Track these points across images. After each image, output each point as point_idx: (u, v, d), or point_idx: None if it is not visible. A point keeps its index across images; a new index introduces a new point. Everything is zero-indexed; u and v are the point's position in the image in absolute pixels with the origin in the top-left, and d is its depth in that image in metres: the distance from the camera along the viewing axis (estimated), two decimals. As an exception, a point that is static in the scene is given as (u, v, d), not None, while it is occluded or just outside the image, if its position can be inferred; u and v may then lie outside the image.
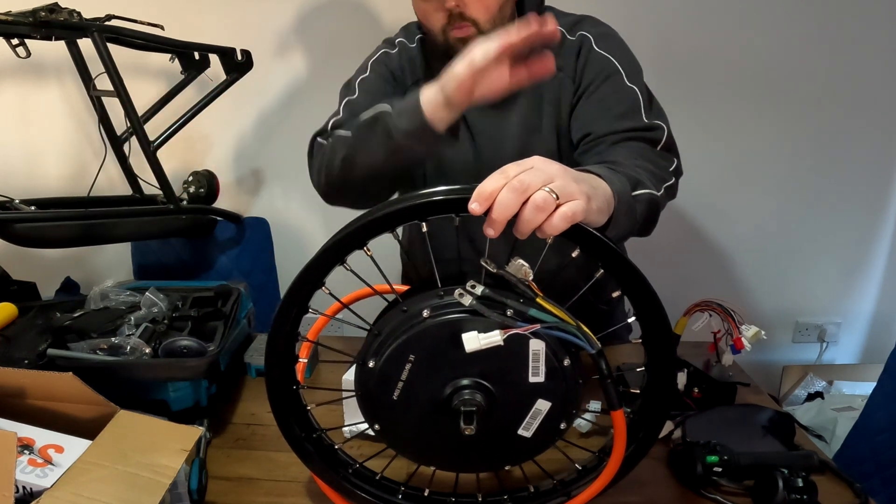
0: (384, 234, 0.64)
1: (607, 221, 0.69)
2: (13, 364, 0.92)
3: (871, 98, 1.96)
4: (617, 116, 1.01)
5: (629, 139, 0.98)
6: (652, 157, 0.95)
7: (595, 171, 0.72)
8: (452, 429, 0.63)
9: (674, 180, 0.95)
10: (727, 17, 1.89)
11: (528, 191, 0.57)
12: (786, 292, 2.19)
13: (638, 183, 0.81)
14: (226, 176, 1.86)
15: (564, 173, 0.60)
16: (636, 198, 0.78)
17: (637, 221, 0.78)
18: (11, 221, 1.40)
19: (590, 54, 1.06)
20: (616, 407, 0.65)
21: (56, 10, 1.42)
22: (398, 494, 0.77)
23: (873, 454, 1.20)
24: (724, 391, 1.02)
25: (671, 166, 0.98)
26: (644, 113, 1.01)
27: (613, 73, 1.04)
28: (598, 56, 1.06)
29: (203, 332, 1.08)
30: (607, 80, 1.04)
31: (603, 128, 1.00)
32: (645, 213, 0.81)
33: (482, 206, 0.57)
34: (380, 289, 0.74)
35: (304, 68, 1.93)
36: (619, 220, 0.71)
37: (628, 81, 1.04)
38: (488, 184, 0.58)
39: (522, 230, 0.58)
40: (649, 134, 0.99)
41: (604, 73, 1.04)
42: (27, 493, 0.69)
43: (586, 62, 1.06)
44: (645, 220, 0.82)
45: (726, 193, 2.05)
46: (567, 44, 1.08)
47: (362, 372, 0.67)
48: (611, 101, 1.03)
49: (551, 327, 0.60)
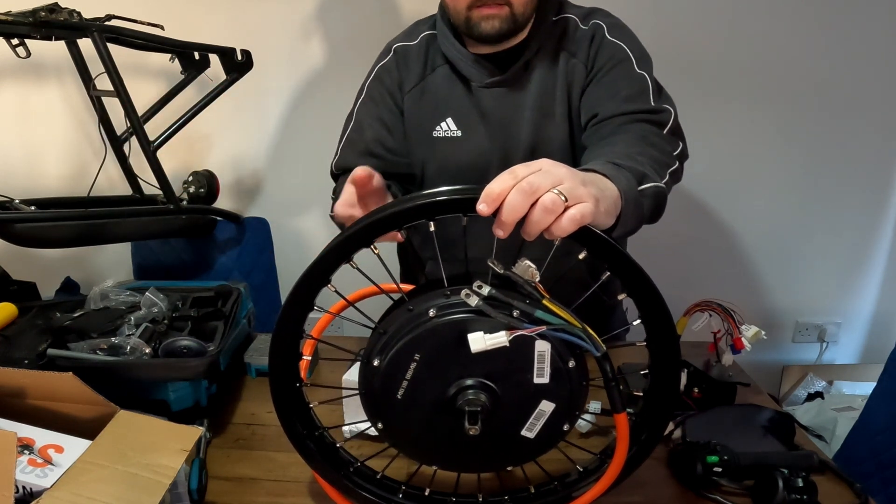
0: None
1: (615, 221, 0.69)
2: (13, 364, 0.92)
3: (871, 98, 1.97)
4: (625, 98, 1.02)
5: (636, 121, 0.99)
6: (656, 142, 0.95)
7: (601, 171, 0.73)
8: (456, 429, 0.63)
9: (678, 164, 0.95)
10: (729, 17, 1.89)
11: (536, 192, 0.56)
12: (786, 292, 2.19)
13: (644, 177, 0.81)
14: (226, 176, 1.86)
15: (573, 176, 0.60)
16: (642, 192, 0.79)
17: (644, 217, 0.79)
18: (11, 221, 1.40)
19: (602, 41, 1.07)
20: (619, 410, 0.65)
21: (56, 10, 1.42)
22: (399, 494, 0.77)
23: (873, 454, 1.20)
24: (724, 391, 1.02)
25: (676, 150, 0.98)
26: (652, 97, 1.02)
27: (624, 59, 1.05)
28: (610, 43, 1.07)
29: (203, 332, 1.08)
30: (618, 65, 1.05)
31: (610, 109, 1.01)
32: (651, 206, 0.81)
33: (490, 207, 0.57)
34: (386, 287, 0.74)
35: (304, 68, 1.93)
36: (626, 219, 0.72)
37: (638, 68, 1.05)
38: (496, 185, 0.57)
39: (530, 231, 0.58)
40: (655, 117, 0.99)
41: (615, 58, 1.06)
42: (27, 493, 0.69)
43: (599, 48, 1.07)
44: (652, 212, 0.83)
45: (726, 193, 2.06)
46: (581, 32, 1.09)
47: (367, 370, 0.67)
48: (620, 84, 1.04)
49: (557, 329, 0.60)
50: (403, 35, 1.20)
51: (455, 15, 1.06)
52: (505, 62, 1.09)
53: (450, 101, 1.14)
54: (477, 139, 1.13)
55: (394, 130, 1.18)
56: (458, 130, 1.14)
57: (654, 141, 0.95)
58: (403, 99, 1.17)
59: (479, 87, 1.11)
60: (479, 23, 1.03)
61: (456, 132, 1.14)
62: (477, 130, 1.13)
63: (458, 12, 1.05)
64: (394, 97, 1.18)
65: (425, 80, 1.15)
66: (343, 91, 1.34)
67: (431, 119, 1.15)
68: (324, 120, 1.21)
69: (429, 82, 1.15)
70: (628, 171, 0.78)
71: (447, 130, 1.14)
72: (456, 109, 1.14)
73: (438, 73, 1.14)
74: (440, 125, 1.14)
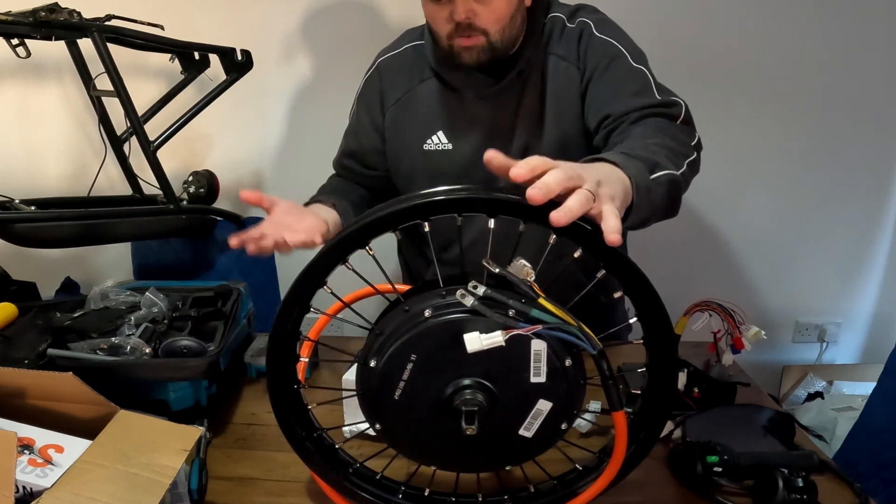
0: (386, 233, 0.64)
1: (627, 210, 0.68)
2: (13, 364, 0.92)
3: (871, 98, 1.96)
4: (632, 94, 1.01)
5: (649, 115, 0.97)
6: (673, 133, 0.94)
7: (611, 160, 0.71)
8: (454, 429, 0.63)
9: (696, 155, 0.93)
10: (728, 15, 1.89)
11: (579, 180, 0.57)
12: (786, 292, 2.19)
13: (655, 165, 0.78)
14: (226, 176, 1.86)
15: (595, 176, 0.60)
16: (656, 180, 0.76)
17: (657, 206, 0.77)
18: (11, 221, 1.39)
19: (591, 39, 1.06)
20: (617, 408, 0.65)
21: (56, 10, 1.42)
22: (398, 494, 0.77)
23: (873, 454, 1.20)
24: (724, 391, 1.02)
25: (692, 140, 0.97)
26: (657, 91, 1.02)
27: (618, 55, 1.05)
28: (600, 40, 1.06)
29: (203, 332, 1.08)
30: (613, 62, 1.04)
31: (620, 107, 1.00)
32: (665, 195, 0.78)
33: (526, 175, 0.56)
34: (382, 288, 0.74)
35: (304, 68, 1.93)
36: (638, 208, 0.70)
37: (634, 62, 1.04)
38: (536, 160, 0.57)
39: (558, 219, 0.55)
40: (667, 110, 0.99)
41: (608, 55, 1.05)
42: (27, 493, 0.69)
43: (588, 46, 1.06)
44: (667, 202, 0.80)
45: (726, 193, 2.05)
46: (567, 31, 1.08)
47: (364, 371, 0.67)
48: (621, 81, 1.03)
49: (553, 328, 0.60)
50: (391, 45, 1.21)
51: (439, 42, 1.07)
52: (497, 71, 1.08)
53: (440, 113, 1.13)
54: (468, 149, 1.12)
55: (366, 146, 1.20)
56: (448, 143, 1.14)
57: (671, 132, 0.93)
58: (385, 114, 1.17)
59: (473, 99, 1.11)
60: (459, 52, 1.04)
61: (447, 145, 1.14)
62: (468, 141, 1.12)
63: (441, 40, 1.05)
64: (372, 114, 1.19)
65: (412, 91, 1.15)
66: (343, 91, 1.35)
67: (421, 132, 1.15)
68: (324, 119, 1.21)
69: (416, 94, 1.15)
70: (639, 159, 0.76)
71: (438, 143, 1.14)
72: (447, 122, 1.13)
73: (427, 84, 1.14)
74: (431, 138, 1.14)
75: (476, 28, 1.01)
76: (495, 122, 1.11)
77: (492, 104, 1.10)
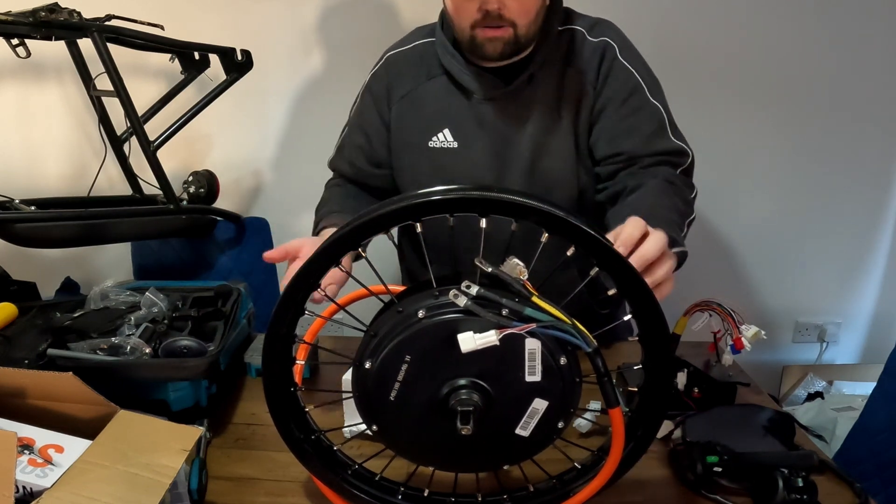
0: (379, 235, 0.64)
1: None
2: (13, 364, 0.92)
3: (871, 98, 1.96)
4: (647, 137, 1.04)
5: (659, 163, 1.03)
6: (680, 190, 0.99)
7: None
8: (450, 429, 0.63)
9: (694, 214, 0.99)
10: (727, 15, 1.89)
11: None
12: (786, 292, 2.19)
13: (674, 243, 0.79)
14: (226, 176, 1.86)
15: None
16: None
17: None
18: (11, 221, 1.40)
19: (613, 63, 1.07)
20: (613, 405, 0.64)
21: (56, 10, 1.42)
22: (398, 495, 0.77)
23: (873, 454, 1.20)
24: (724, 391, 1.02)
25: (692, 193, 1.02)
26: (671, 131, 1.05)
27: (637, 87, 1.06)
28: (622, 67, 1.06)
29: (203, 332, 1.08)
30: (632, 96, 1.06)
31: (634, 148, 1.04)
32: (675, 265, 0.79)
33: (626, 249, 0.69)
34: (375, 289, 0.74)
35: (304, 68, 1.93)
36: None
37: (652, 98, 1.06)
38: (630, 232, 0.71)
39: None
40: (676, 159, 1.04)
41: (627, 86, 1.06)
42: (27, 493, 0.69)
43: (609, 71, 1.07)
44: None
45: (726, 193, 2.05)
46: (588, 45, 1.08)
47: (359, 373, 0.67)
48: (638, 118, 1.05)
49: (547, 326, 0.60)
50: (399, 41, 1.20)
51: (459, 32, 1.05)
52: (508, 74, 1.08)
53: (447, 112, 1.13)
54: (475, 151, 1.12)
55: (374, 141, 1.19)
56: (454, 142, 1.13)
57: (680, 192, 0.99)
58: (392, 108, 1.17)
59: (481, 100, 1.10)
60: (483, 43, 1.03)
61: (453, 143, 1.13)
62: (475, 142, 1.12)
63: (463, 30, 1.04)
64: (379, 108, 1.18)
65: (419, 88, 1.14)
66: (343, 91, 1.35)
67: (426, 129, 1.14)
68: (324, 119, 1.21)
69: (423, 91, 1.14)
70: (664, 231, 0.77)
71: (444, 141, 1.13)
72: (454, 121, 1.13)
73: (435, 82, 1.13)
74: (436, 136, 1.14)
75: (505, 19, 1.00)
76: (504, 126, 1.11)
77: (500, 107, 1.10)
